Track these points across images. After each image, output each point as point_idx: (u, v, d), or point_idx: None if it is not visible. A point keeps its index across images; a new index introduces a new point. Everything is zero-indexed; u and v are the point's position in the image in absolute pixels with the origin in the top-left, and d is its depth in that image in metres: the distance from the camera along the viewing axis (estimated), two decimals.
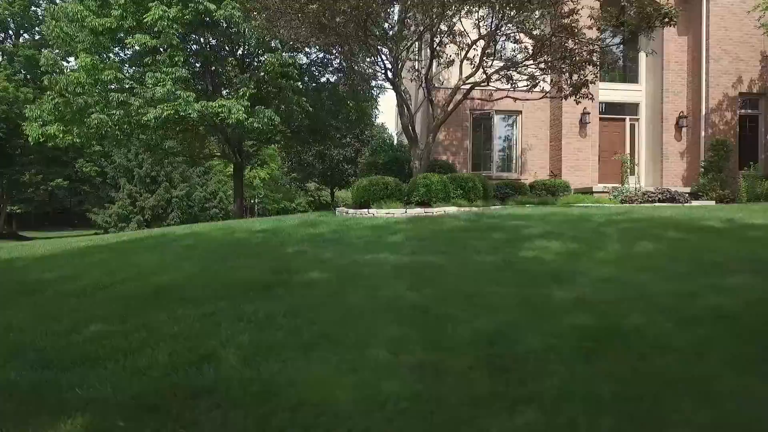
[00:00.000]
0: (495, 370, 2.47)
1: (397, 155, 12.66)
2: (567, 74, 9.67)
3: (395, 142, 19.27)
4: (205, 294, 4.14)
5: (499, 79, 10.38)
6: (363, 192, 10.00)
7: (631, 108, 15.73)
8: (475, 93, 13.19)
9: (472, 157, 15.18)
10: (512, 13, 9.46)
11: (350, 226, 7.61)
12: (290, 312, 3.53)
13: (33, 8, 30.62)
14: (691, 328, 2.89)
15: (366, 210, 9.53)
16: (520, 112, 14.88)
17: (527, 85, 9.99)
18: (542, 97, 10.85)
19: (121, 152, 30.78)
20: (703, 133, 13.96)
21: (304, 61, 18.96)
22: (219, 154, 20.90)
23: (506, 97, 10.84)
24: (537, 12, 8.76)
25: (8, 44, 30.80)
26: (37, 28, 30.05)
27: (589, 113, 14.12)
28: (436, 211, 9.22)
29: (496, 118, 15.16)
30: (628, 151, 15.64)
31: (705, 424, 1.93)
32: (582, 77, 9.54)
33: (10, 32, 31.34)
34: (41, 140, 14.17)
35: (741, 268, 4.07)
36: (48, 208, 53.00)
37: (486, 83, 9.98)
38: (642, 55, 15.72)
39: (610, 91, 15.53)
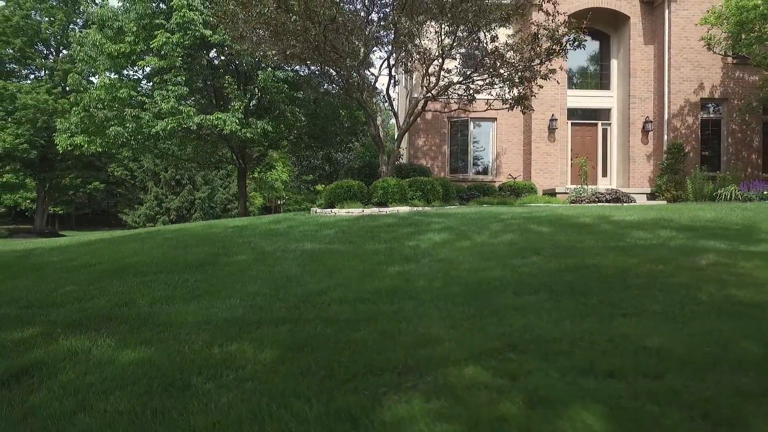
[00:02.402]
0: (293, 308, 3.89)
1: (371, 161, 14.08)
2: (507, 89, 10.93)
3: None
4: (155, 270, 5.68)
5: (452, 94, 11.70)
6: (330, 194, 11.47)
7: (604, 113, 16.64)
8: (451, 104, 14.47)
9: (449, 161, 16.43)
10: (463, 35, 10.82)
11: (306, 222, 9.08)
12: (201, 279, 5.03)
13: (71, 26, 33.62)
14: (450, 287, 4.21)
15: (330, 209, 10.99)
16: (495, 118, 16.05)
17: (474, 98, 11.28)
18: (488, 109, 12.10)
19: (149, 157, 33.36)
20: (665, 137, 14.77)
21: (306, 72, 20.69)
22: (229, 160, 22.85)
23: (458, 109, 12.15)
24: (464, 43, 10.04)
25: (50, 60, 33.90)
26: (74, 45, 33.07)
27: (556, 119, 15.18)
28: (390, 210, 10.58)
29: (473, 125, 16.36)
30: (600, 153, 16.57)
31: (378, 331, 3.28)
32: (521, 91, 10.74)
33: (51, 49, 34.47)
34: (69, 149, 16.35)
35: (548, 252, 5.30)
36: (87, 209, 57.00)
37: (434, 98, 11.34)
38: (614, 64, 16.62)
39: (585, 98, 16.52)
